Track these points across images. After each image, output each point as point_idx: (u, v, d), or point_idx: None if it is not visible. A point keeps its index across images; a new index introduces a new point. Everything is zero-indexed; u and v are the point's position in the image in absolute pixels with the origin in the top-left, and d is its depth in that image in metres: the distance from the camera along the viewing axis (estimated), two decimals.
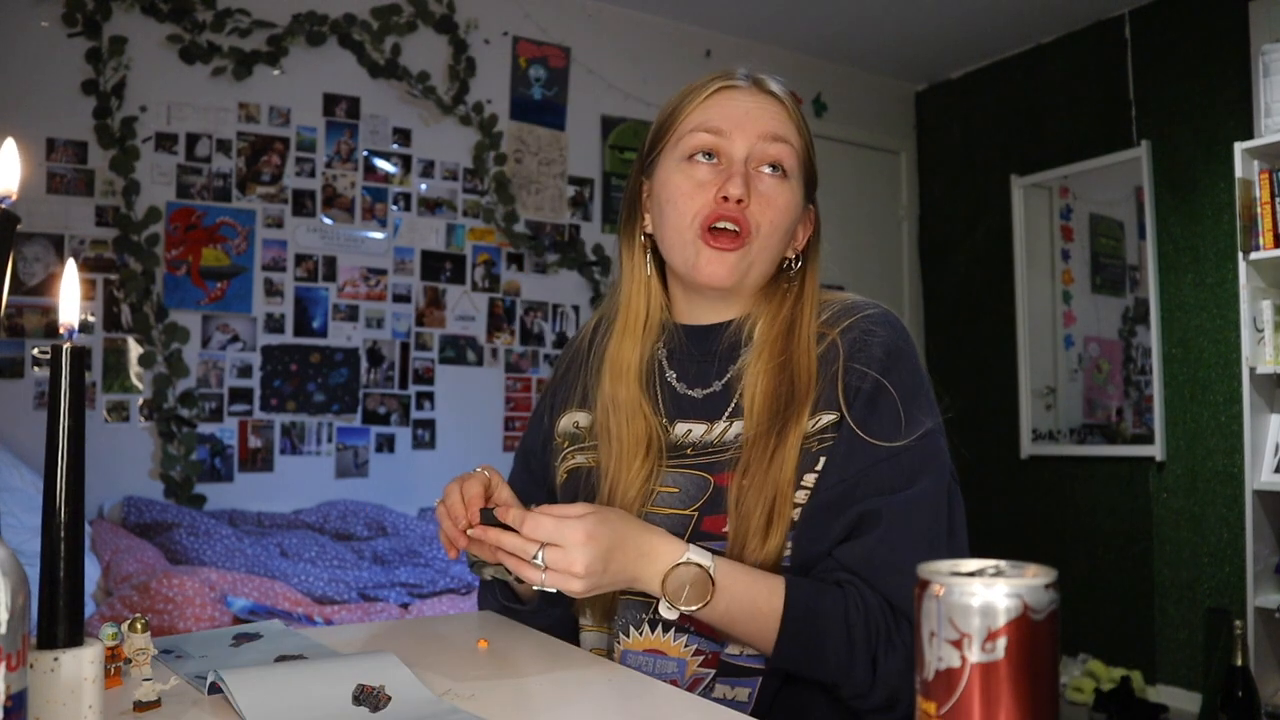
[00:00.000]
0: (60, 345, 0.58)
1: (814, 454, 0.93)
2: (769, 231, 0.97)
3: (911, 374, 0.95)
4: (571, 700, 0.79)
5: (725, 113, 0.98)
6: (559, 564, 0.84)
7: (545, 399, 1.17)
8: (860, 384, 0.93)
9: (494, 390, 3.58)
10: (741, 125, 0.98)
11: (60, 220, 2.91)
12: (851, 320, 0.98)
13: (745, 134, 0.97)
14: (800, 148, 1.01)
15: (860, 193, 4.47)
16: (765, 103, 0.99)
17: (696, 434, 1.00)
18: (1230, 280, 3.27)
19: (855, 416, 0.92)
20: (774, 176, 0.98)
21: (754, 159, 0.98)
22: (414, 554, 2.79)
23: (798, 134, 1.01)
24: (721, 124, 0.98)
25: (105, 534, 2.53)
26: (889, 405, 0.92)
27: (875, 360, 0.94)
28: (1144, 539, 3.63)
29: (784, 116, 1.00)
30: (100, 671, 0.58)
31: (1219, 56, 3.43)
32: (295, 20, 3.23)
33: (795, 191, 1.00)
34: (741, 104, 0.99)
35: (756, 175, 0.98)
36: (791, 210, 0.99)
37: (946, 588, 0.45)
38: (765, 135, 0.97)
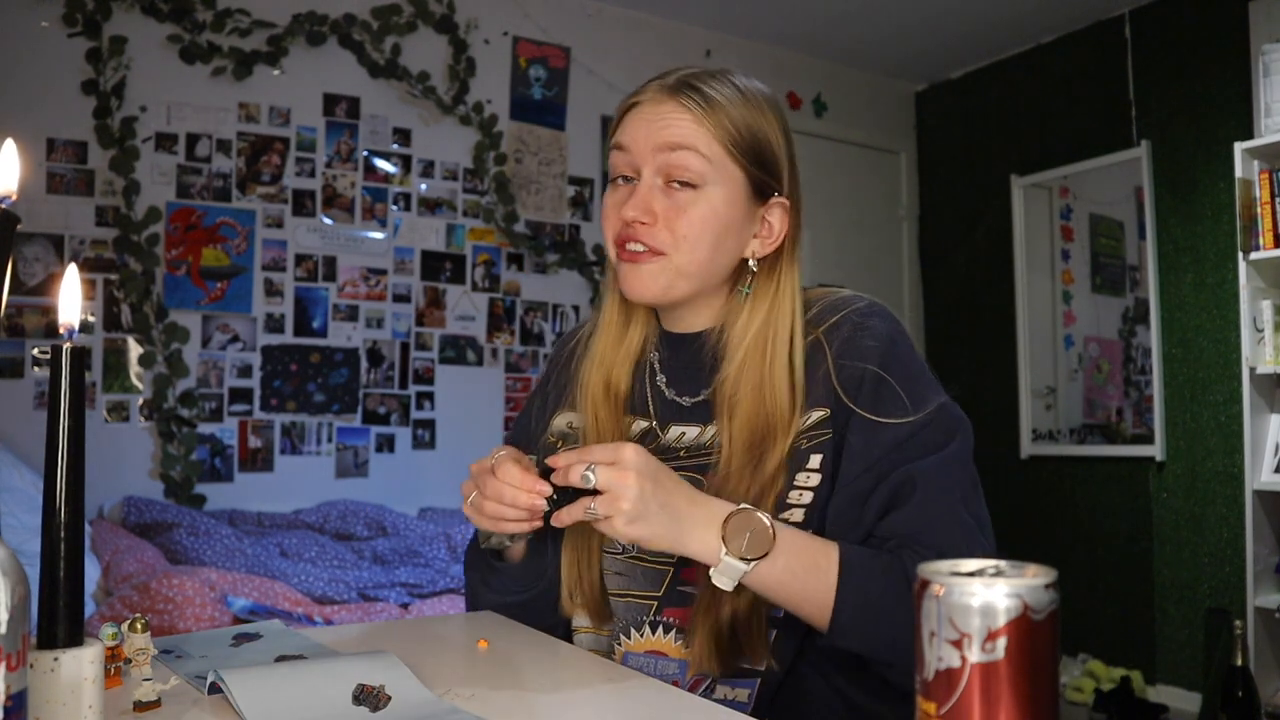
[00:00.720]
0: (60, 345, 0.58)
1: (804, 451, 0.92)
2: (689, 244, 0.94)
3: (909, 361, 0.94)
4: (571, 700, 0.79)
5: (629, 128, 0.97)
6: (612, 484, 0.80)
7: (537, 394, 1.16)
8: (860, 376, 0.92)
9: (494, 390, 3.58)
10: (639, 139, 0.96)
11: (60, 220, 2.91)
12: (838, 317, 0.96)
13: (644, 149, 0.95)
14: (712, 149, 0.94)
15: (860, 193, 4.48)
16: (666, 111, 0.95)
17: (690, 436, 1.00)
18: (1230, 280, 3.27)
19: (864, 406, 0.91)
20: (682, 191, 0.95)
21: (659, 172, 0.95)
22: (414, 554, 2.79)
23: (710, 136, 0.94)
24: (624, 139, 0.97)
25: (105, 534, 2.53)
26: (893, 393, 0.91)
27: (870, 354, 0.93)
28: (1144, 539, 3.63)
29: (689, 123, 0.94)
30: (100, 671, 0.58)
31: (1219, 56, 3.43)
32: (295, 20, 3.23)
33: (715, 198, 0.95)
34: (643, 117, 0.96)
35: (664, 190, 0.95)
36: (706, 219, 0.94)
37: (946, 588, 0.45)
38: (662, 147, 0.94)
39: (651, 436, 1.02)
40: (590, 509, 0.81)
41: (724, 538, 0.82)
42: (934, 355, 4.49)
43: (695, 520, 0.83)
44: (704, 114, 0.94)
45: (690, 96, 0.95)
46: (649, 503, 0.81)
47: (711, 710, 0.75)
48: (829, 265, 4.26)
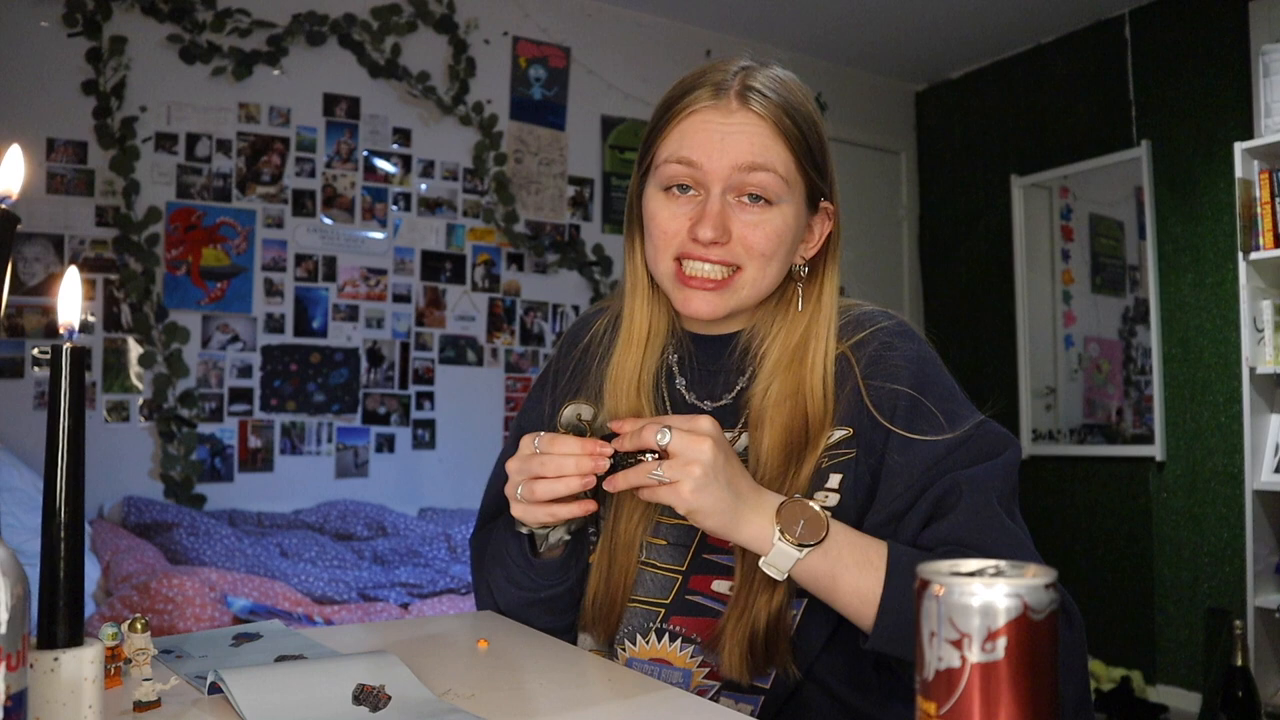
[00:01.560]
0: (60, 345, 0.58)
1: (824, 470, 0.91)
2: (761, 262, 0.92)
3: (941, 381, 0.93)
4: (572, 700, 0.79)
5: (697, 141, 0.90)
6: (686, 447, 0.78)
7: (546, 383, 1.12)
8: (894, 398, 0.90)
9: (494, 390, 3.58)
10: (713, 156, 0.90)
11: (60, 220, 2.92)
12: (864, 334, 0.94)
13: (718, 166, 0.90)
14: (788, 165, 0.91)
15: (860, 193, 4.48)
16: (742, 125, 0.90)
17: None
18: (1230, 280, 3.27)
19: (902, 424, 0.89)
20: (756, 206, 0.91)
21: (732, 189, 0.91)
22: (414, 554, 2.79)
23: (786, 149, 0.91)
24: (693, 155, 0.90)
25: (105, 534, 2.53)
26: (929, 412, 0.90)
27: (901, 375, 0.91)
28: (1144, 539, 3.63)
29: (765, 136, 0.90)
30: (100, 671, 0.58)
31: (1219, 56, 3.43)
32: (295, 20, 3.23)
33: (785, 213, 0.92)
34: (715, 130, 0.90)
35: (737, 206, 0.91)
36: (781, 235, 0.92)
37: (946, 588, 0.45)
38: (741, 166, 0.89)
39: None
40: (656, 473, 0.79)
41: (779, 520, 0.81)
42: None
43: (753, 504, 0.82)
44: (777, 125, 0.90)
45: (762, 104, 0.90)
46: (719, 474, 0.79)
47: (713, 711, 0.75)
48: None
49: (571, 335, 1.13)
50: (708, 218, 0.90)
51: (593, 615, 1.00)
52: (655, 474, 0.79)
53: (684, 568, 0.95)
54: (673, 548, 0.97)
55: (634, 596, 0.98)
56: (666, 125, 0.93)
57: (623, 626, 0.98)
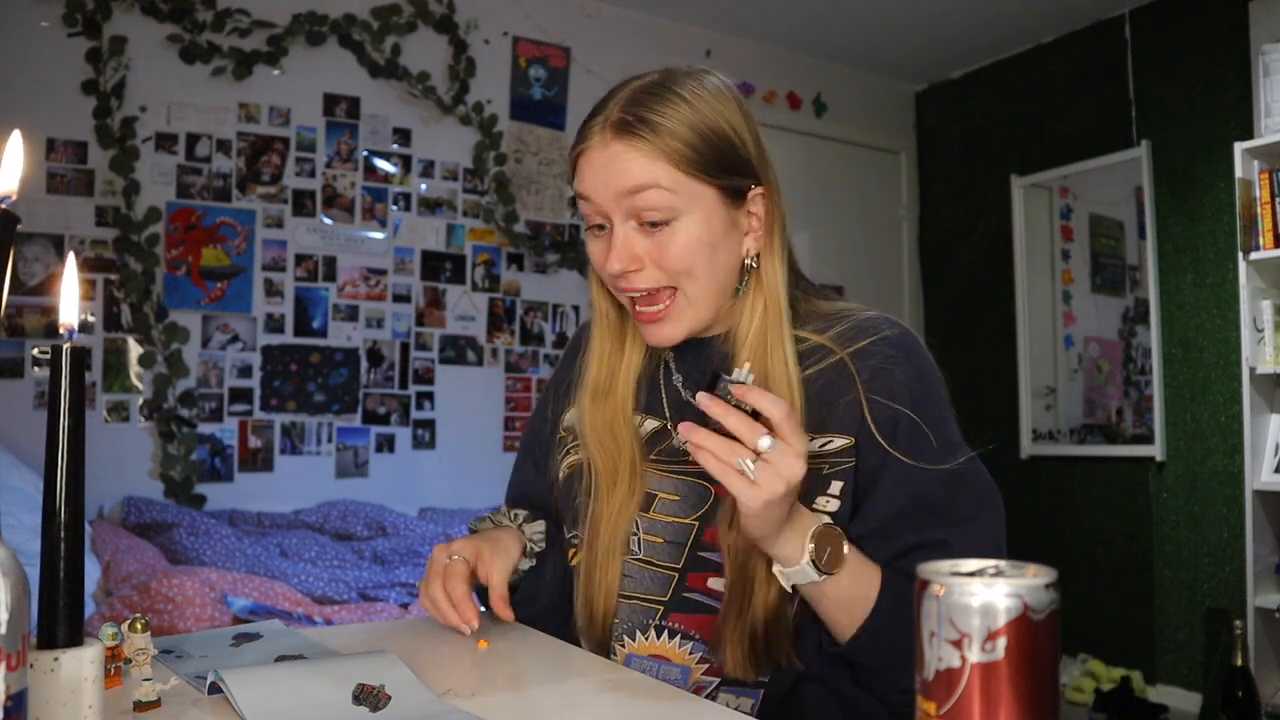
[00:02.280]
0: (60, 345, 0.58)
1: (825, 476, 0.91)
2: (684, 277, 0.92)
3: (940, 405, 0.95)
4: (572, 700, 0.79)
5: (586, 178, 0.93)
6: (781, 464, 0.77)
7: (549, 390, 1.16)
8: (893, 417, 0.91)
9: (494, 390, 3.58)
10: (599, 190, 0.92)
11: (60, 220, 2.91)
12: (868, 342, 0.94)
13: (606, 199, 0.91)
14: (674, 179, 0.90)
15: (860, 193, 4.48)
16: (617, 154, 0.90)
17: None
18: (1230, 280, 3.27)
19: (900, 449, 0.90)
20: (655, 229, 0.91)
21: (631, 217, 0.92)
22: (414, 554, 2.79)
23: (668, 164, 0.89)
24: (587, 192, 0.93)
25: (105, 534, 2.53)
26: (925, 437, 0.91)
27: (902, 394, 0.92)
28: (1144, 539, 3.63)
29: (640, 160, 0.89)
30: (100, 671, 0.58)
31: (1219, 56, 3.43)
32: (295, 20, 3.23)
33: (690, 224, 0.91)
34: (597, 164, 0.91)
35: (640, 232, 0.92)
36: (692, 246, 0.91)
37: (946, 588, 0.45)
38: (624, 192, 0.90)
39: (664, 436, 1.01)
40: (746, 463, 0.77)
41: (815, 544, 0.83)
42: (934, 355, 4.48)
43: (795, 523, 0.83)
44: (653, 145, 0.89)
45: (635, 131, 0.90)
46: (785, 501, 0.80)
47: (712, 711, 0.75)
48: (829, 265, 4.26)
49: (573, 343, 1.15)
50: (612, 251, 0.92)
51: (584, 620, 1.01)
52: (745, 464, 0.77)
53: (680, 565, 0.96)
54: (669, 545, 0.97)
55: (632, 593, 0.99)
56: (573, 165, 0.96)
57: (621, 623, 0.99)
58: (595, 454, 1.01)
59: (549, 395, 1.15)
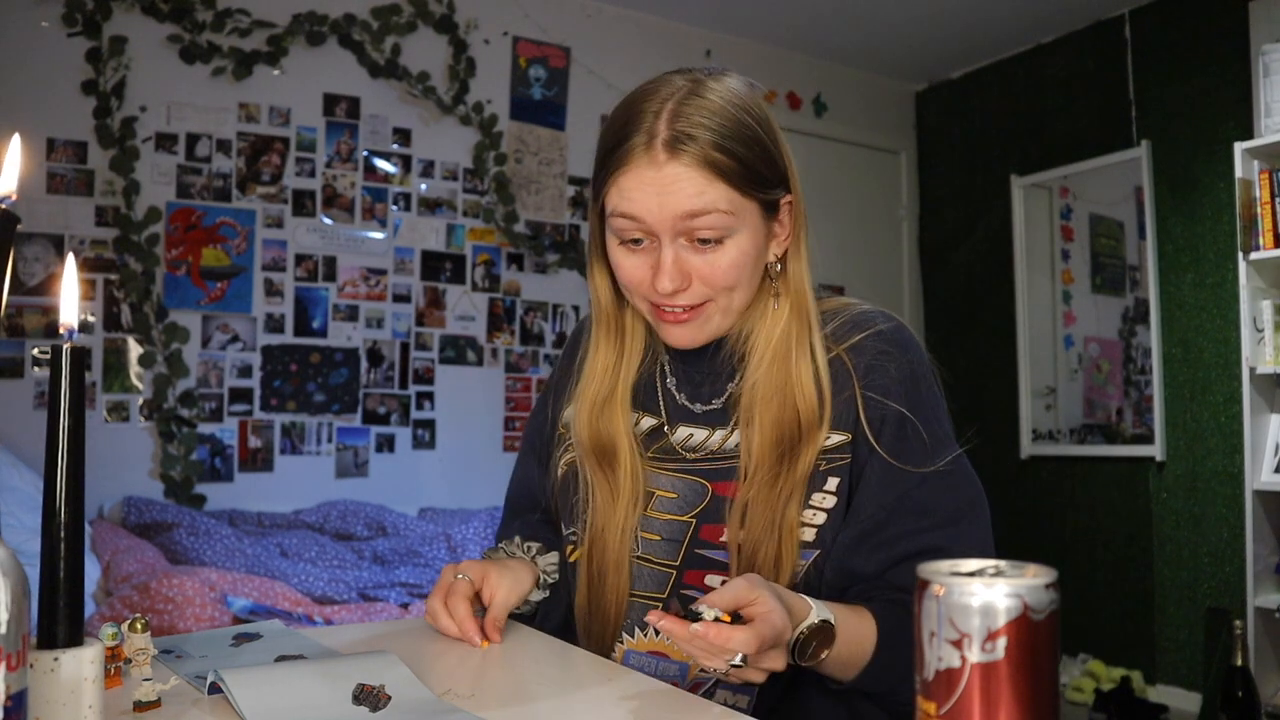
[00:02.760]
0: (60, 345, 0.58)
1: (822, 473, 0.92)
2: (727, 291, 0.93)
3: (933, 400, 0.94)
4: (572, 700, 0.79)
5: (638, 198, 0.89)
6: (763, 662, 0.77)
7: (550, 386, 1.16)
8: (883, 414, 0.91)
9: (494, 390, 3.58)
10: (655, 211, 0.89)
11: (60, 220, 2.91)
12: (862, 337, 0.94)
13: (661, 219, 0.89)
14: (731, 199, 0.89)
15: (860, 193, 4.47)
16: (675, 177, 0.88)
17: (698, 439, 0.99)
18: (1230, 280, 3.27)
19: (886, 447, 0.91)
20: (707, 247, 0.90)
21: (681, 235, 0.90)
22: (414, 554, 2.79)
23: (725, 186, 0.88)
24: (637, 211, 0.89)
25: (105, 534, 2.53)
26: (916, 434, 0.91)
27: (895, 390, 0.92)
28: (1144, 539, 3.63)
29: (700, 182, 0.88)
30: (100, 671, 0.58)
31: (1219, 56, 3.43)
32: (295, 20, 3.23)
33: (740, 241, 0.91)
34: (650, 185, 0.88)
35: (691, 249, 0.91)
36: (740, 263, 0.92)
37: (946, 588, 0.45)
38: (682, 215, 0.88)
39: (659, 434, 1.01)
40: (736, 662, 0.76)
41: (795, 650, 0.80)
42: (934, 355, 4.47)
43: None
44: (712, 167, 0.88)
45: (690, 152, 0.87)
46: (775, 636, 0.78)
47: (712, 710, 0.75)
48: (829, 265, 4.26)
49: (573, 340, 1.15)
50: (663, 270, 0.90)
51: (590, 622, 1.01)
52: (735, 663, 0.76)
53: (678, 563, 0.97)
54: (666, 542, 0.98)
55: (632, 591, 0.99)
56: (609, 177, 0.91)
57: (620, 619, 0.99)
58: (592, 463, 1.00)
59: (549, 392, 1.15)
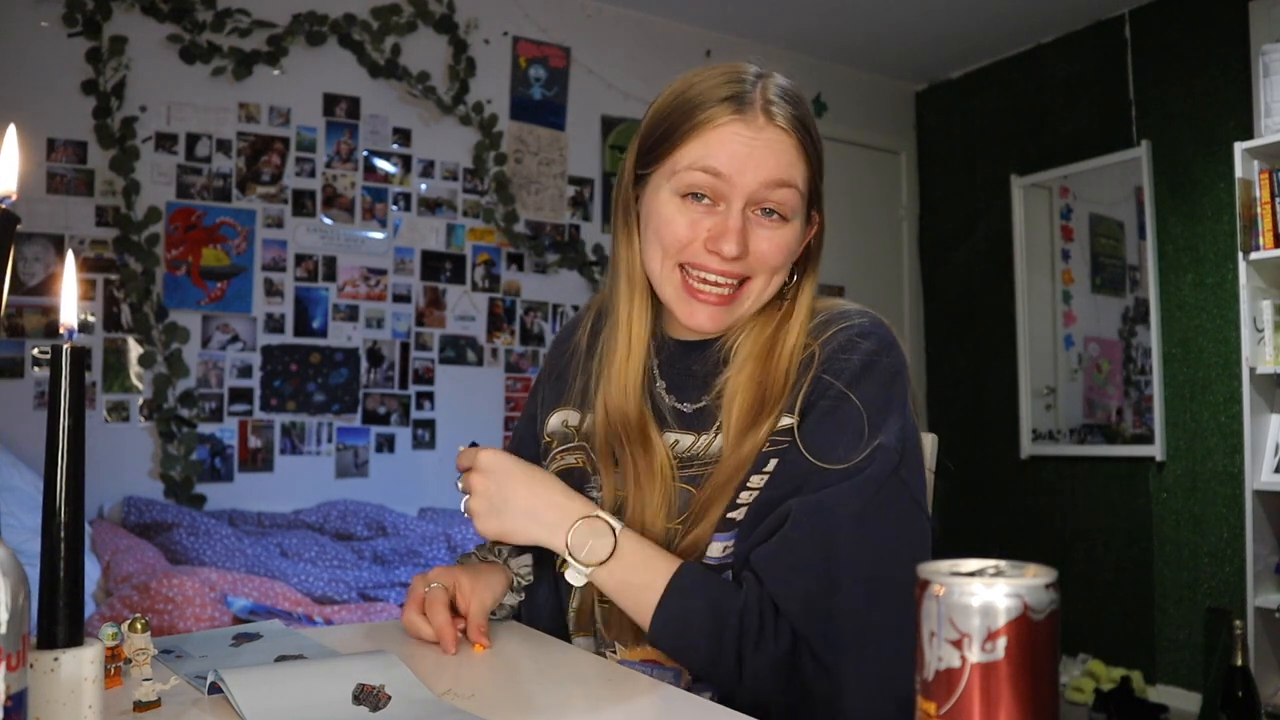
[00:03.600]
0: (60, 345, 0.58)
1: (765, 455, 0.91)
2: (765, 276, 0.94)
3: (887, 390, 0.91)
4: (571, 700, 0.79)
5: (728, 153, 0.90)
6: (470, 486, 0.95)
7: (535, 395, 1.14)
8: (823, 395, 0.90)
9: (494, 390, 3.58)
10: (744, 170, 0.90)
11: (60, 220, 2.91)
12: (836, 330, 0.94)
13: (747, 181, 0.90)
14: (807, 181, 0.93)
15: (860, 193, 4.47)
16: (770, 141, 0.90)
17: (684, 445, 0.97)
18: (1230, 280, 3.27)
19: (805, 429, 0.90)
20: (772, 221, 0.92)
21: (752, 203, 0.91)
22: (414, 554, 2.79)
23: (806, 166, 0.93)
24: (722, 167, 0.90)
25: (105, 534, 2.53)
26: (847, 420, 0.89)
27: (848, 372, 0.90)
28: (1144, 539, 3.63)
29: (791, 153, 0.91)
30: (100, 671, 0.58)
31: (1219, 56, 3.43)
32: (295, 20, 3.23)
33: (796, 227, 0.94)
34: (744, 144, 0.90)
35: (754, 220, 0.92)
36: (791, 248, 0.94)
37: (946, 588, 0.45)
38: (769, 182, 0.90)
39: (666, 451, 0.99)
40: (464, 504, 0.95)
41: (567, 542, 0.89)
42: (934, 356, 4.49)
43: (546, 521, 0.91)
44: (800, 142, 0.92)
45: (786, 120, 0.91)
46: (497, 501, 0.92)
47: (711, 710, 0.75)
48: (829, 265, 4.24)
49: (557, 341, 1.15)
50: (730, 233, 0.90)
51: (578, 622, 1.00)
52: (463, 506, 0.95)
53: None
54: None
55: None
56: (689, 132, 0.91)
57: (613, 629, 0.98)
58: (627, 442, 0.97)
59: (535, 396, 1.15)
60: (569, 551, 0.88)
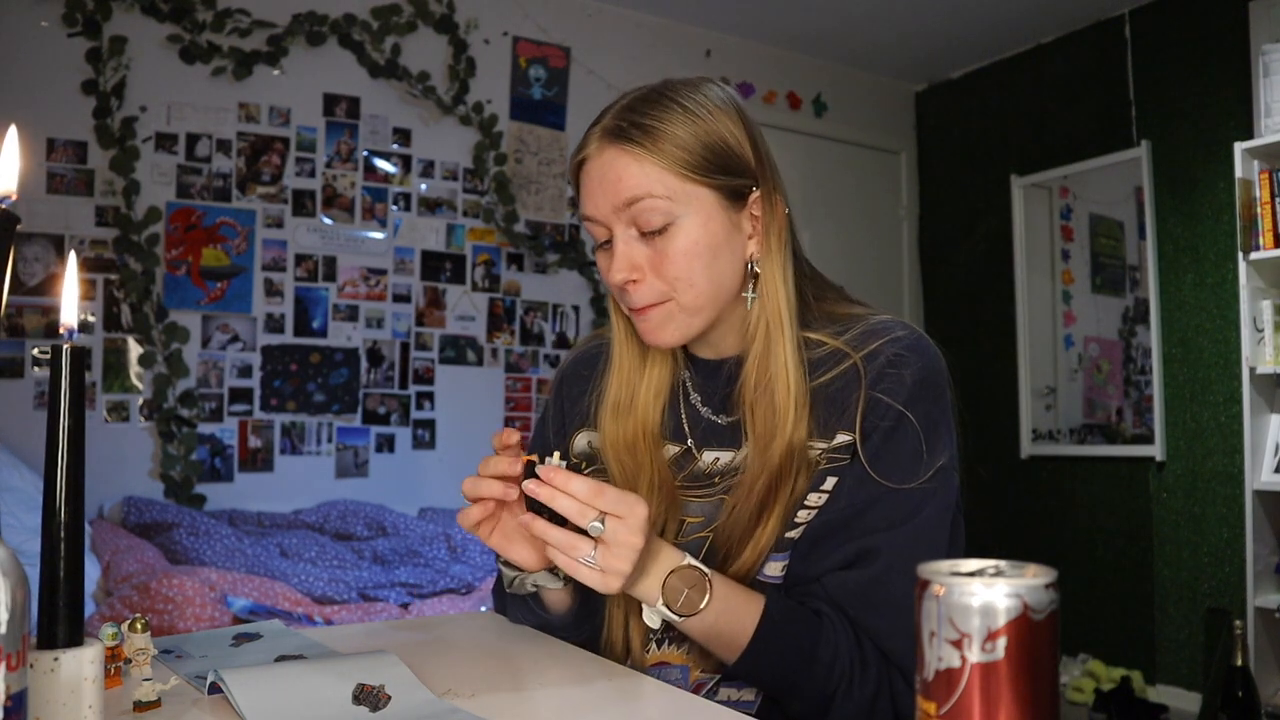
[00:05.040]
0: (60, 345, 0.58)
1: (822, 472, 0.91)
2: (684, 283, 0.91)
3: (937, 406, 0.91)
4: (572, 700, 0.79)
5: (586, 193, 0.94)
6: (618, 541, 0.78)
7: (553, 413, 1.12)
8: (882, 416, 0.89)
9: (494, 390, 3.58)
10: (598, 204, 0.92)
11: (60, 220, 2.91)
12: (879, 344, 0.92)
13: (604, 212, 0.92)
14: (667, 183, 0.89)
15: (860, 193, 4.47)
16: (609, 163, 0.91)
17: (724, 461, 0.97)
18: (1230, 280, 3.27)
19: (869, 451, 0.89)
20: (652, 237, 0.91)
21: (629, 225, 0.91)
22: (414, 554, 2.79)
23: (659, 168, 0.89)
24: (588, 209, 0.94)
25: (105, 534, 2.53)
26: (907, 439, 0.89)
27: (902, 391, 0.90)
28: (1144, 539, 3.63)
29: (631, 166, 0.90)
30: (100, 671, 0.58)
31: (1219, 56, 3.43)
32: (295, 20, 3.23)
33: (687, 228, 0.90)
34: (594, 177, 0.92)
35: (640, 241, 0.91)
36: (690, 251, 0.90)
37: (946, 588, 0.45)
38: (619, 205, 0.90)
39: (688, 459, 0.99)
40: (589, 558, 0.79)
41: (664, 590, 0.83)
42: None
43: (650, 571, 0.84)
44: (647, 152, 0.89)
45: (628, 137, 0.90)
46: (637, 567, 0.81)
47: (712, 710, 0.75)
48: (829, 265, 4.23)
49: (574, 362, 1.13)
50: (614, 261, 0.92)
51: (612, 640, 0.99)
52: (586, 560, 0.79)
53: None
54: None
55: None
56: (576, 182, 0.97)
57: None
58: (615, 472, 0.98)
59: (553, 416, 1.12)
60: (664, 602, 0.84)
